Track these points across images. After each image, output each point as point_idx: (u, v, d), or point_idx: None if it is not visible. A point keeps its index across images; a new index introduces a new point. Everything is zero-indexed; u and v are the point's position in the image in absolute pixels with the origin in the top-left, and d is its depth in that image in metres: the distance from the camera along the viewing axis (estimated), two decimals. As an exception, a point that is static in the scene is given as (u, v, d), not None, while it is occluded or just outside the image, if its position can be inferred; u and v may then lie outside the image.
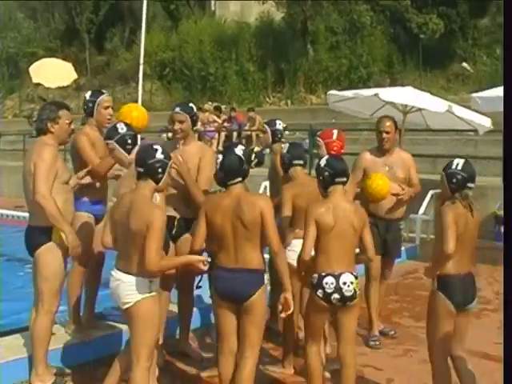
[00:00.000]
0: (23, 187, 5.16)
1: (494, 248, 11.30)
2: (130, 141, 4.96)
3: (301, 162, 5.61)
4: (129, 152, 4.91)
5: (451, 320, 4.48)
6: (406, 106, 11.86)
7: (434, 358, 4.56)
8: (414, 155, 14.62)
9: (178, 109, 5.50)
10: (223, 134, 19.65)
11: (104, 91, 6.09)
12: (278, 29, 26.80)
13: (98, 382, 4.80)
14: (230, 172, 4.41)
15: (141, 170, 4.33)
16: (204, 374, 5.32)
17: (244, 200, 4.36)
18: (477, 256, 10.41)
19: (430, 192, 11.93)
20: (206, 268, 4.39)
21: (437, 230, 4.58)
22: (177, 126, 5.45)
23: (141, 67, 16.44)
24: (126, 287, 4.24)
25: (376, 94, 11.13)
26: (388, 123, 6.45)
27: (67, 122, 5.17)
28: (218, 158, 4.49)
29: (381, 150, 6.47)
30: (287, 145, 5.78)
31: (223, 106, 21.94)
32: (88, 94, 5.83)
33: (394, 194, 6.24)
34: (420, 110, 11.77)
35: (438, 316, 4.48)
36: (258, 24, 27.62)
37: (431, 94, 14.15)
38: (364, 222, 4.63)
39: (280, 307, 4.44)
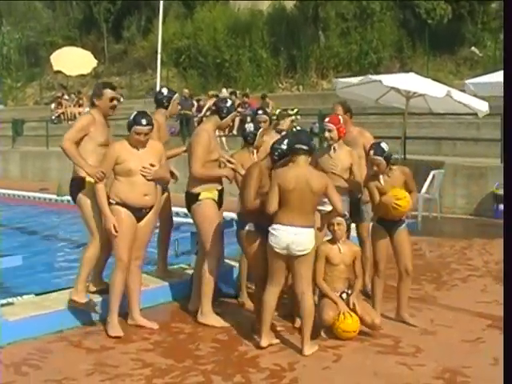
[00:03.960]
0: None
1: (492, 224, 12.07)
2: None
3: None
4: None
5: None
6: (409, 91, 12.53)
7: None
8: (418, 138, 15.47)
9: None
10: (237, 119, 20.28)
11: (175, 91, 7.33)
12: (289, 16, 27.19)
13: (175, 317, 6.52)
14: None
15: (306, 148, 5.53)
16: None
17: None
18: (475, 231, 11.27)
19: (432, 172, 12.56)
20: None
21: None
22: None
23: (159, 56, 17.26)
24: (306, 238, 5.46)
25: (380, 81, 11.79)
26: (337, 107, 7.46)
27: (109, 98, 6.32)
28: None
29: None
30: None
31: (237, 92, 22.61)
32: (165, 91, 7.14)
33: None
34: (423, 94, 12.40)
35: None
36: (271, 11, 28.04)
37: (439, 78, 14.76)
38: None
39: None
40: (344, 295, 6.04)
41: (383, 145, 6.25)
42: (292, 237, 5.41)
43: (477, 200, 13.06)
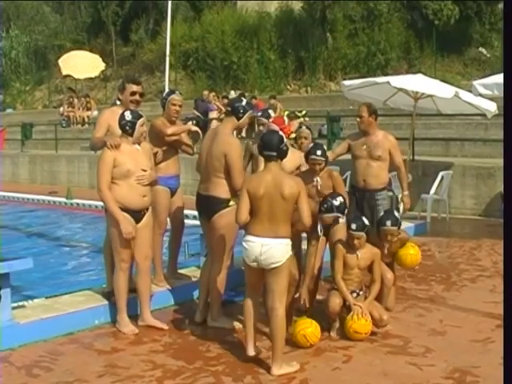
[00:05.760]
0: None
1: (500, 225, 12.00)
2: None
3: None
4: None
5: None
6: (417, 92, 12.51)
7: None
8: (427, 139, 15.43)
9: None
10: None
11: (175, 91, 7.22)
12: (297, 18, 27.24)
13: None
14: None
15: (275, 154, 5.16)
16: None
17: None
18: (484, 231, 11.26)
19: (441, 173, 12.58)
20: None
21: None
22: None
23: (167, 58, 17.32)
24: (279, 249, 5.06)
25: (387, 82, 11.78)
26: (362, 108, 7.51)
27: (130, 92, 6.49)
28: None
29: (361, 132, 7.61)
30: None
31: (245, 94, 22.63)
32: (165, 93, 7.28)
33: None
34: (431, 95, 12.39)
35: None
36: (278, 13, 28.10)
37: (447, 79, 14.68)
38: None
39: None
40: (354, 294, 6.02)
41: (397, 214, 6.47)
42: (259, 249, 5.07)
43: (485, 201, 13.04)
